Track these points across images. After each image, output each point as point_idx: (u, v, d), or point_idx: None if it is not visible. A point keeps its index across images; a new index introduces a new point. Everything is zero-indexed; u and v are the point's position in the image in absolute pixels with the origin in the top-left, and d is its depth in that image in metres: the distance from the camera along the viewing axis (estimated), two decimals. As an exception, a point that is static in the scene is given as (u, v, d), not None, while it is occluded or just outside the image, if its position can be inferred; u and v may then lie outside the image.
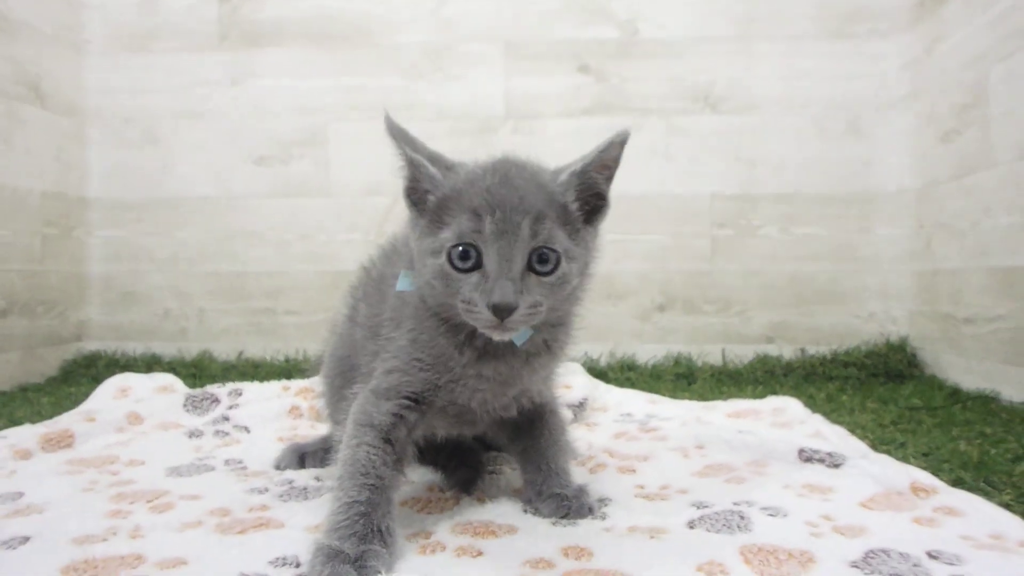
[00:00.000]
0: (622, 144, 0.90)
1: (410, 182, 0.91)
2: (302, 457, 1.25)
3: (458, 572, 0.77)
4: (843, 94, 2.26)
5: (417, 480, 1.14)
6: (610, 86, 2.34)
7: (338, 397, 1.13)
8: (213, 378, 2.13)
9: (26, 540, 0.88)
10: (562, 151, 2.27)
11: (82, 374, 2.30)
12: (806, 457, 1.14)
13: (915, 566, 0.77)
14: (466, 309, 0.83)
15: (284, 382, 1.77)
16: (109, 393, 1.76)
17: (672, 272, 2.31)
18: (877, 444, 1.33)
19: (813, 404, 1.65)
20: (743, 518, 0.92)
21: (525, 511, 0.99)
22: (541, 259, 0.83)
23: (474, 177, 0.87)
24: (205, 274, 2.46)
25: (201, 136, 2.45)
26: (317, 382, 1.71)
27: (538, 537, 0.89)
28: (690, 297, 2.31)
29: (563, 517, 0.95)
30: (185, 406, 1.65)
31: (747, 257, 2.29)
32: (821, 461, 1.12)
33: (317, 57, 2.42)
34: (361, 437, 0.91)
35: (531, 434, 1.05)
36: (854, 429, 1.41)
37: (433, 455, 1.16)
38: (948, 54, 1.99)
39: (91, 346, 2.45)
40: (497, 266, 0.82)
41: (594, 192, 0.91)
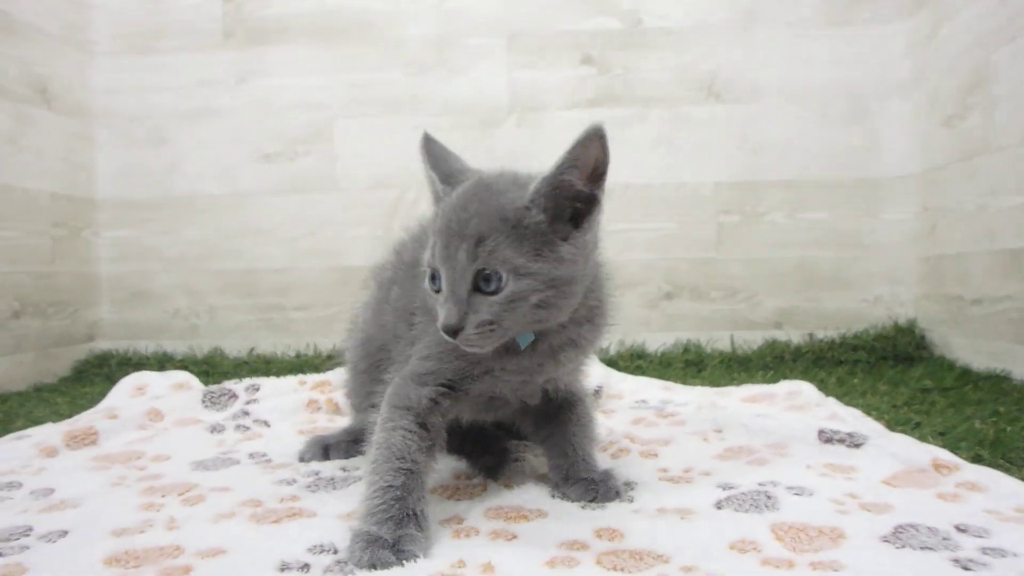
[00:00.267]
0: (597, 139, 0.84)
1: (433, 197, 0.96)
2: (326, 449, 1.26)
3: (494, 555, 0.79)
4: (846, 80, 2.27)
5: (442, 468, 1.16)
6: (614, 77, 2.35)
7: (364, 384, 1.14)
8: (225, 375, 2.14)
9: (64, 534, 0.90)
10: (567, 142, 2.32)
11: (95, 373, 2.31)
12: (826, 438, 1.16)
13: (945, 539, 0.78)
14: None
15: (301, 376, 1.78)
16: (126, 391, 1.77)
17: (679, 260, 2.32)
18: (892, 425, 1.34)
19: (825, 388, 1.66)
20: (769, 497, 0.94)
21: (553, 496, 1.01)
22: (486, 279, 0.84)
23: (448, 199, 0.91)
24: (214, 272, 2.47)
25: (208, 135, 2.45)
26: (335, 375, 1.74)
27: (569, 520, 0.91)
28: (697, 285, 2.33)
29: (591, 501, 0.97)
30: (203, 402, 1.66)
31: (753, 244, 2.31)
32: (841, 441, 1.14)
33: (321, 53, 2.42)
34: (397, 420, 0.92)
35: (556, 421, 1.07)
36: (868, 411, 1.42)
37: (458, 443, 1.18)
38: (950, 38, 2.00)
39: (103, 345, 2.46)
40: (446, 288, 0.86)
41: (576, 195, 0.87)
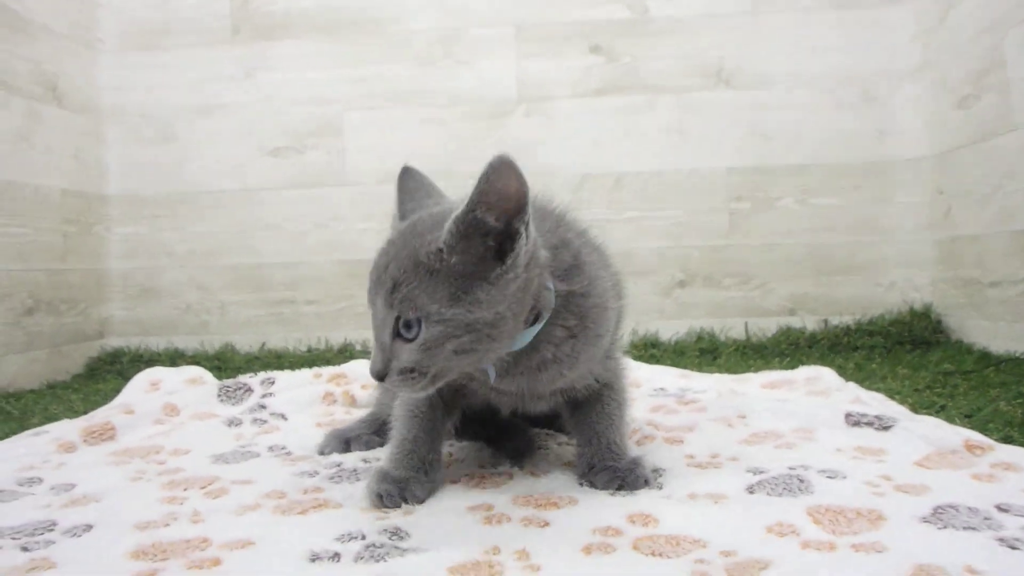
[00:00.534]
0: (505, 170, 0.78)
1: None
2: (346, 442, 1.26)
3: (528, 541, 0.78)
4: (855, 65, 2.26)
5: (468, 457, 1.15)
6: (622, 65, 2.34)
7: None
8: (237, 370, 2.13)
9: (89, 528, 0.89)
10: (576, 132, 2.33)
11: (107, 370, 2.31)
12: (854, 421, 1.15)
13: (986, 519, 0.77)
14: None
15: (316, 369, 1.78)
16: (141, 387, 1.77)
17: (691, 248, 2.31)
18: (917, 408, 1.33)
19: (843, 373, 1.65)
20: (802, 481, 0.93)
21: (580, 484, 1.00)
22: (406, 325, 0.84)
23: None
24: (224, 267, 2.47)
25: (216, 130, 2.45)
26: (351, 367, 1.74)
27: (600, 507, 0.90)
28: (710, 272, 2.32)
29: (618, 489, 0.96)
30: (219, 396, 1.65)
31: (765, 230, 2.30)
32: (869, 424, 1.13)
33: (328, 48, 2.41)
34: None
35: (583, 409, 1.06)
36: (891, 395, 1.41)
37: (482, 430, 1.17)
38: (961, 21, 1.99)
39: (114, 342, 2.46)
40: (373, 332, 0.87)
41: (492, 232, 0.82)
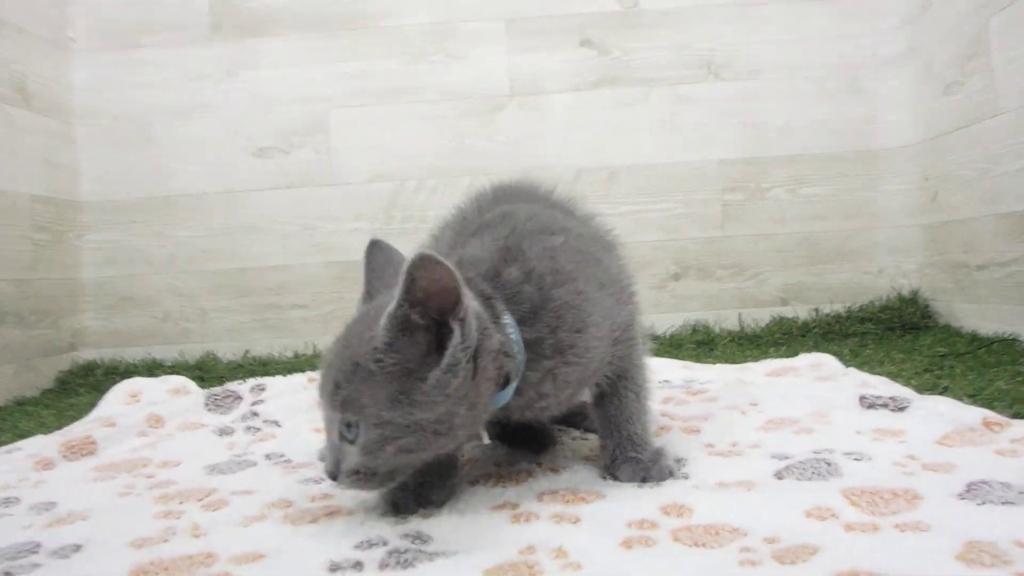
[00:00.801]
0: (427, 267, 0.74)
1: None
2: None
3: (563, 539, 0.76)
4: (841, 54, 2.28)
5: (483, 457, 1.13)
6: (613, 59, 2.33)
7: None
8: (220, 379, 2.06)
9: (78, 548, 0.83)
10: (569, 126, 2.32)
11: (80, 384, 2.20)
12: (868, 404, 1.15)
13: (1021, 493, 0.77)
14: None
15: (309, 374, 1.73)
16: (119, 399, 1.69)
17: (685, 240, 2.31)
18: (920, 390, 1.33)
19: (840, 359, 1.65)
20: (829, 464, 0.92)
21: (604, 477, 0.98)
22: (347, 426, 0.81)
23: None
24: (206, 273, 2.40)
25: (197, 131, 2.38)
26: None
27: (631, 500, 0.88)
28: (704, 264, 2.32)
29: (643, 481, 0.94)
30: (207, 405, 1.59)
31: (757, 220, 2.31)
32: (884, 406, 1.13)
33: (314, 44, 2.36)
34: None
35: (606, 401, 1.03)
36: (892, 379, 1.42)
37: (498, 428, 1.15)
38: (944, 8, 2.02)
39: (87, 355, 2.37)
40: (325, 435, 0.85)
41: (427, 328, 0.79)
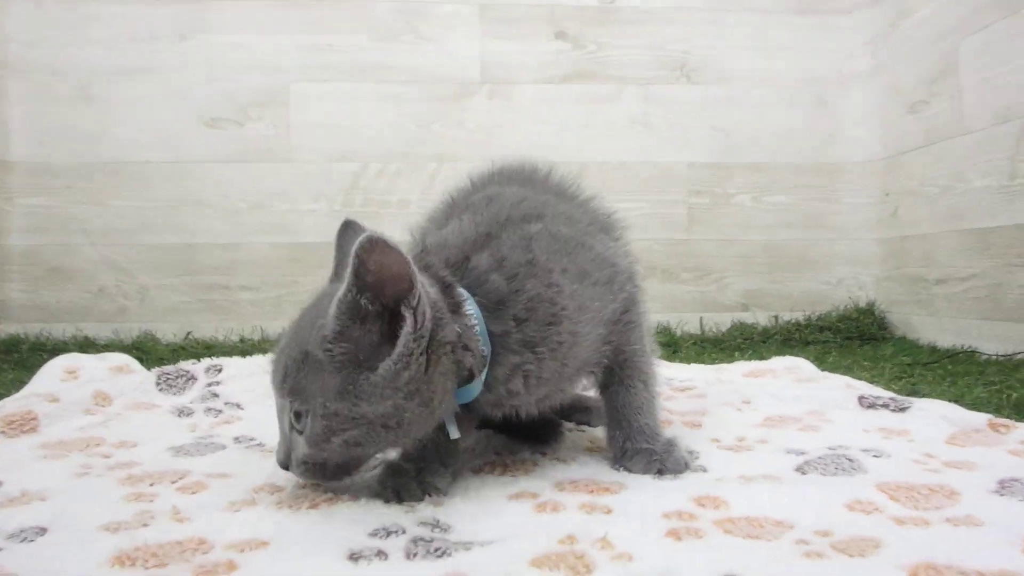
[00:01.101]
0: (377, 249, 0.71)
1: None
2: None
3: (605, 529, 0.70)
4: (809, 68, 2.33)
5: (475, 444, 1.07)
6: (588, 53, 2.30)
7: None
8: (160, 361, 1.92)
9: (43, 531, 0.74)
10: (539, 118, 2.28)
11: (3, 360, 2.02)
12: (868, 403, 1.16)
13: (1056, 491, 0.77)
14: None
15: (270, 356, 1.63)
16: (55, 375, 1.53)
17: (651, 240, 2.30)
18: (901, 395, 1.36)
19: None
20: (850, 460, 0.90)
21: (617, 469, 0.93)
22: (295, 416, 0.78)
23: None
24: (147, 247, 2.24)
25: (144, 94, 2.21)
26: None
27: (658, 491, 0.83)
28: (668, 266, 2.32)
29: (658, 473, 0.90)
30: (158, 385, 1.48)
31: (722, 225, 2.33)
32: (885, 406, 1.14)
33: (278, 11, 2.24)
34: None
35: (612, 391, 0.99)
36: (871, 384, 1.44)
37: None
38: (914, 29, 2.09)
39: (11, 328, 2.17)
40: (278, 424, 0.82)
41: (378, 315, 0.75)
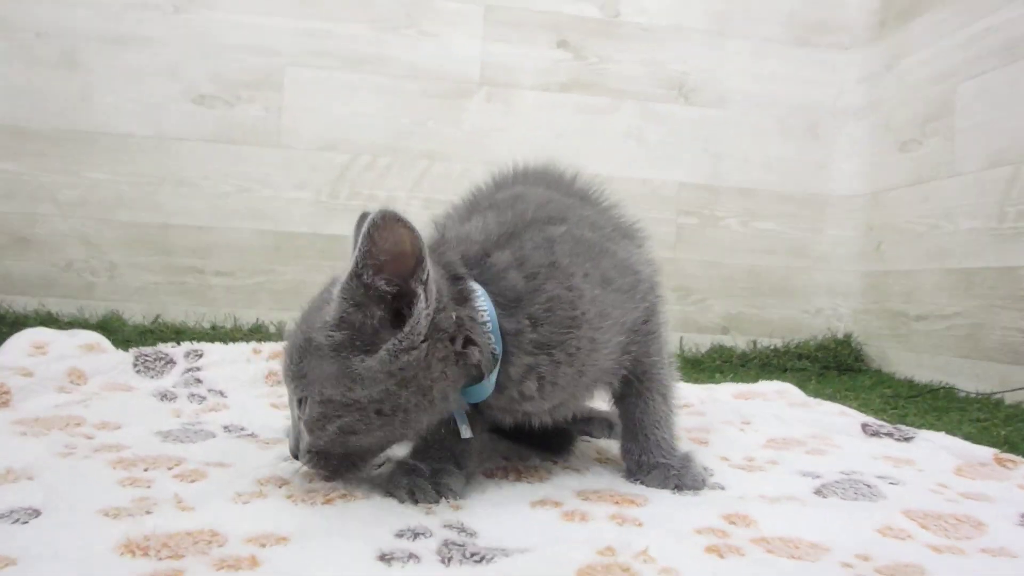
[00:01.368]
0: (391, 225, 0.70)
1: None
2: None
3: (643, 542, 0.67)
4: (804, 99, 2.37)
5: (482, 448, 1.03)
6: (588, 64, 2.30)
7: None
8: (127, 343, 1.84)
9: (36, 513, 0.70)
10: (536, 125, 2.26)
11: (-42, 332, 1.92)
12: (872, 432, 1.16)
13: (1080, 527, 0.78)
14: None
15: (255, 345, 1.56)
16: (21, 349, 1.47)
17: (639, 257, 2.30)
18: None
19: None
20: (868, 486, 0.90)
21: (633, 482, 0.91)
22: (299, 404, 0.78)
23: None
24: (120, 223, 2.14)
25: (132, 65, 2.12)
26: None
27: (680, 506, 0.82)
28: (654, 283, 2.32)
29: (676, 488, 0.88)
30: (135, 366, 1.42)
31: (708, 247, 2.34)
32: (889, 435, 1.14)
33: (279, -8, 2.18)
34: None
35: (629, 404, 0.97)
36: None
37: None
38: (910, 70, 2.14)
39: (-34, 299, 2.06)
40: (290, 412, 0.82)
41: (388, 296, 0.74)
